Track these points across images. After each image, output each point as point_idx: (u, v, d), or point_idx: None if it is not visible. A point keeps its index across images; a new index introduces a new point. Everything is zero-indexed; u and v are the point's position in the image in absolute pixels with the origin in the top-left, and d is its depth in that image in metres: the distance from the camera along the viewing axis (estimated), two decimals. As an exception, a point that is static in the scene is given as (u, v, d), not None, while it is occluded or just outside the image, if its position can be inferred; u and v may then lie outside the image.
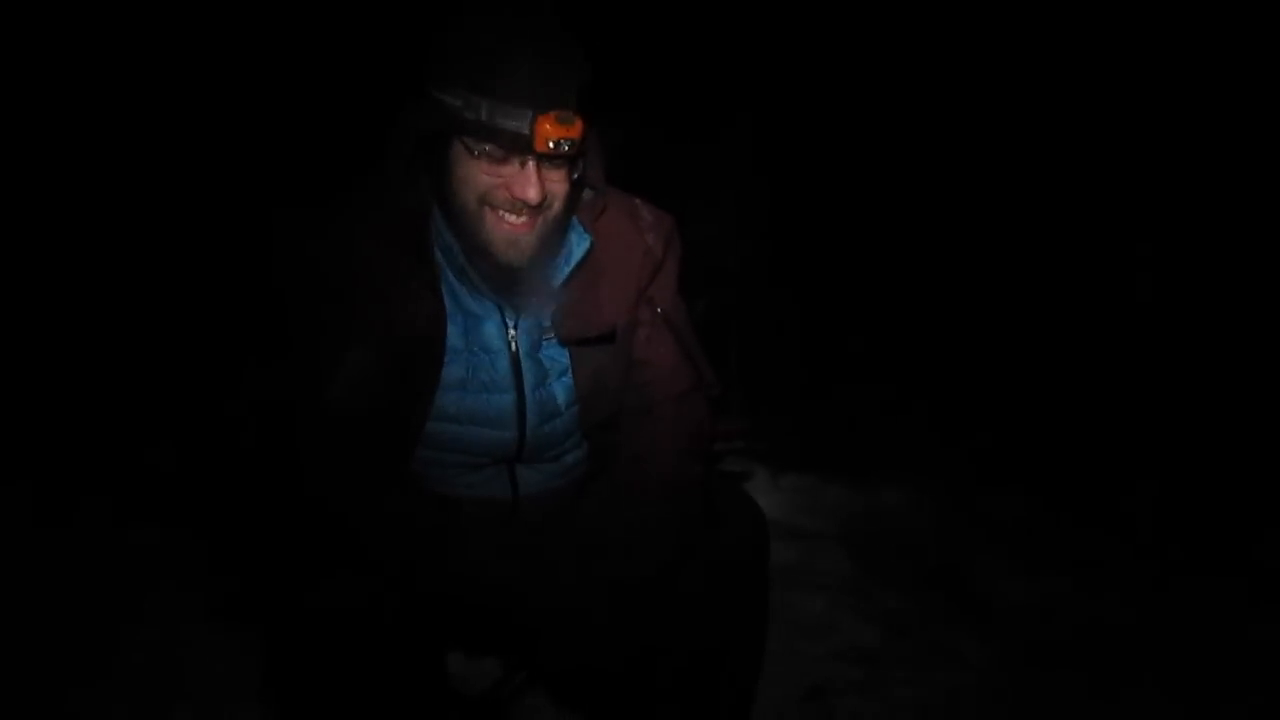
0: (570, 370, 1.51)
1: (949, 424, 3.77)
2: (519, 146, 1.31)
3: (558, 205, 1.38)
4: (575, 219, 1.47)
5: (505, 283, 1.43)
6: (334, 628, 1.32)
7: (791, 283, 3.97)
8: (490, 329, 1.47)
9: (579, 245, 1.47)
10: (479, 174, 1.34)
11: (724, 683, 1.52)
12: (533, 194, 1.33)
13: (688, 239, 1.61)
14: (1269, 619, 2.50)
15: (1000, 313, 3.87)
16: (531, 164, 1.32)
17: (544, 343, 1.50)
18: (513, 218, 1.36)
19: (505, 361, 1.47)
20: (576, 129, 1.31)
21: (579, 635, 1.46)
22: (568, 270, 1.46)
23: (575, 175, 1.39)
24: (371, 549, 1.36)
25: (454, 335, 1.45)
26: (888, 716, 2.09)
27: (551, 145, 1.29)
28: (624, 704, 1.55)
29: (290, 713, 1.41)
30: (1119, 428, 3.61)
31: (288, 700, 1.40)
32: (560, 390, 1.50)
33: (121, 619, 2.22)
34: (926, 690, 2.18)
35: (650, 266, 1.54)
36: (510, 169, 1.33)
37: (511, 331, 1.48)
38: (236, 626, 2.15)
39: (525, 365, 1.48)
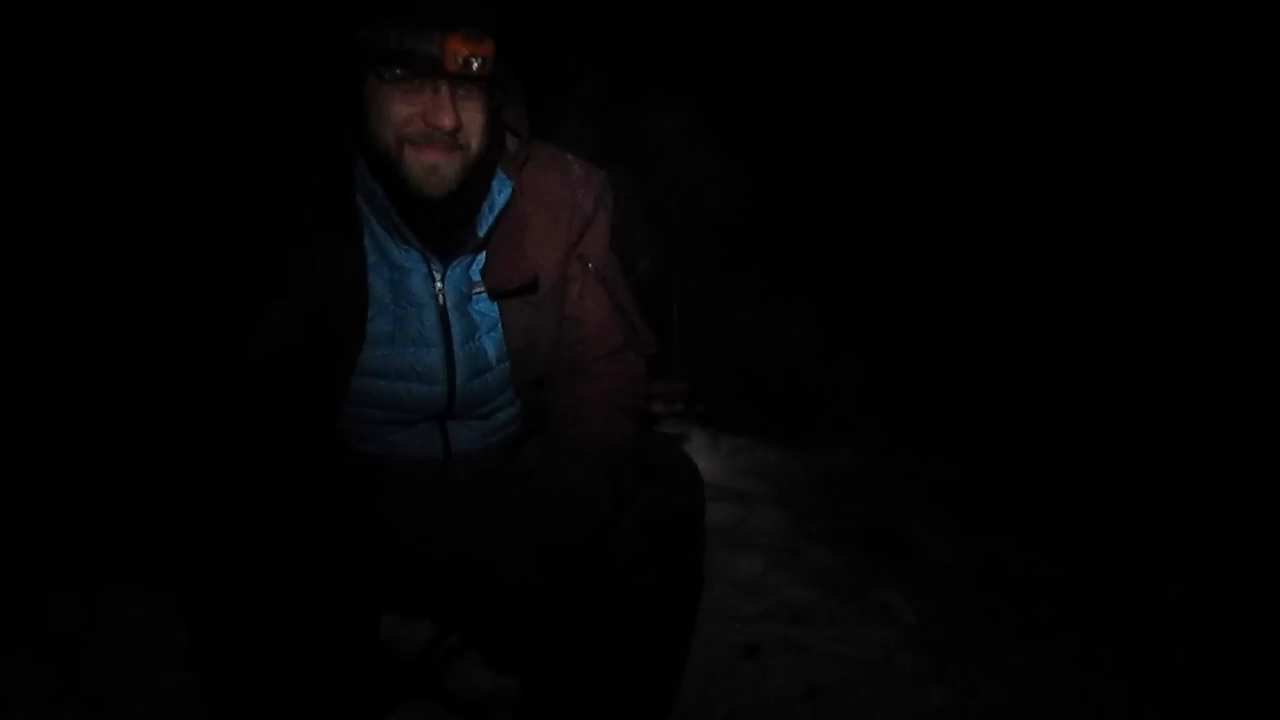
0: (500, 325, 1.49)
1: (887, 388, 3.80)
2: (430, 69, 1.29)
3: (476, 140, 1.36)
4: (499, 167, 1.46)
5: (428, 223, 1.41)
6: (265, 589, 1.30)
7: (738, 242, 3.93)
8: (417, 281, 1.45)
9: (500, 193, 1.45)
10: (394, 104, 1.32)
11: (658, 642, 1.52)
12: (447, 120, 1.31)
13: (630, 194, 1.60)
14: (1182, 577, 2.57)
15: (950, 274, 3.88)
16: (445, 88, 1.31)
17: (474, 296, 1.48)
18: (430, 149, 1.34)
19: (433, 315, 1.46)
20: (487, 47, 1.29)
21: (511, 597, 1.44)
22: (492, 219, 1.45)
23: (493, 105, 1.37)
24: (302, 509, 1.33)
25: (380, 288, 1.44)
26: (822, 674, 2.11)
27: (461, 62, 1.28)
28: (558, 665, 1.54)
29: (220, 676, 1.39)
30: (1057, 392, 3.66)
31: (217, 663, 1.38)
32: (490, 345, 1.49)
33: (45, 586, 2.18)
34: (860, 647, 2.21)
35: (580, 221, 1.52)
36: (424, 97, 1.31)
37: (439, 284, 1.46)
38: (164, 592, 2.12)
39: (453, 318, 1.46)
